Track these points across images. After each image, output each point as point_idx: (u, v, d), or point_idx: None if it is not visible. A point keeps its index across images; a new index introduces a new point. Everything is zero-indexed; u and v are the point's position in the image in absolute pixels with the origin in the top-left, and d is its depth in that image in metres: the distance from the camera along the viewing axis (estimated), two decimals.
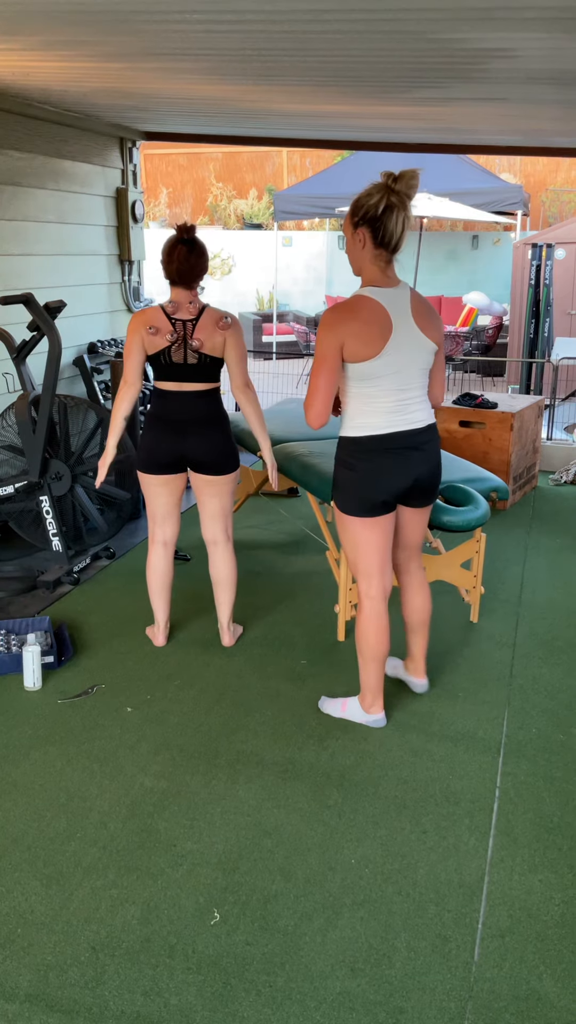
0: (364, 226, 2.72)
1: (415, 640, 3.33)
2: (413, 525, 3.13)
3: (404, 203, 2.65)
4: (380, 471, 2.88)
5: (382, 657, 3.10)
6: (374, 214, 2.68)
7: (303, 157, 17.18)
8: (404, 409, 2.86)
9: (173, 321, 3.33)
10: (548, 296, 8.34)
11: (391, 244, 2.73)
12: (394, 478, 2.89)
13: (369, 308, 2.75)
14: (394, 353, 2.77)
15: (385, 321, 2.75)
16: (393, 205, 2.65)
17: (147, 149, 16.19)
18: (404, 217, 2.67)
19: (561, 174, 16.21)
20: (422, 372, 2.88)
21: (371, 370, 2.77)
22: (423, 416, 2.92)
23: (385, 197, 2.65)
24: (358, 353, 2.74)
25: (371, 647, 3.08)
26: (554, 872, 2.47)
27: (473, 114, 4.65)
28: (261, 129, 5.95)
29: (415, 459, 2.91)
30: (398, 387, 2.83)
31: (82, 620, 4.02)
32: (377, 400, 2.83)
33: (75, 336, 5.58)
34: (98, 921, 2.28)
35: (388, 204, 2.65)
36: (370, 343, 2.74)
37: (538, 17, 2.56)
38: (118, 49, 3.29)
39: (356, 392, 2.85)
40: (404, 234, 2.72)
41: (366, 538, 2.97)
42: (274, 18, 2.69)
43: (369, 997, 2.06)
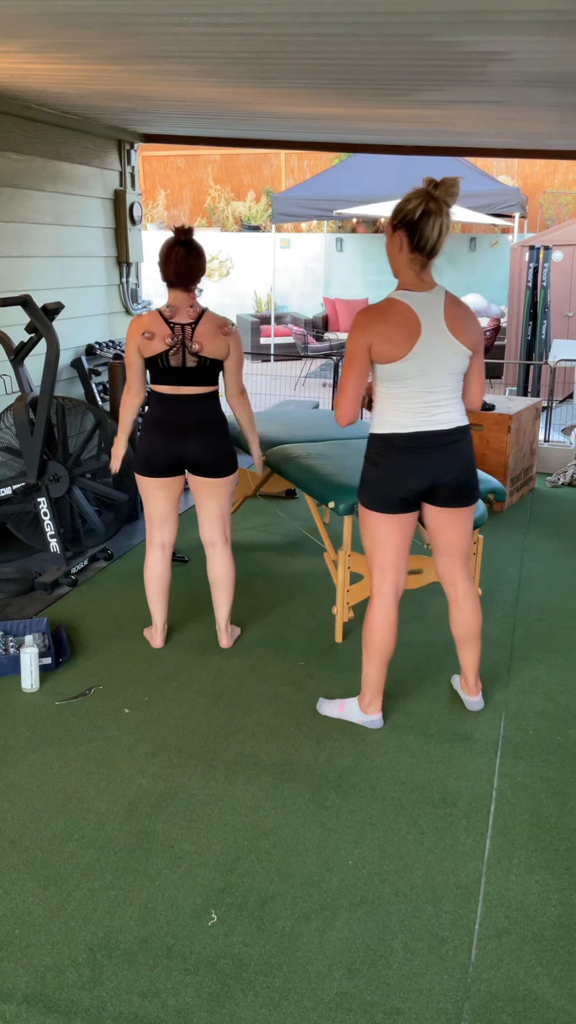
0: (402, 230, 2.76)
1: (465, 654, 3.23)
2: (448, 528, 3.06)
3: (442, 209, 2.70)
4: (400, 469, 2.91)
5: (385, 654, 3.11)
6: (412, 219, 2.72)
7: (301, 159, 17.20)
8: (430, 410, 2.89)
9: (172, 325, 3.34)
10: (545, 298, 8.35)
11: (426, 249, 2.76)
12: (413, 477, 2.92)
13: (399, 311, 2.79)
14: (422, 355, 2.81)
15: (414, 324, 2.79)
16: (431, 211, 2.69)
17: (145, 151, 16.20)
18: (441, 223, 2.71)
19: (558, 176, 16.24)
20: (453, 375, 2.89)
21: (398, 371, 2.82)
22: (451, 418, 2.93)
23: (424, 203, 2.69)
24: (385, 354, 2.80)
25: (375, 643, 3.09)
26: (551, 873, 2.47)
27: (470, 117, 4.66)
28: (259, 131, 5.96)
29: (437, 459, 2.92)
30: (425, 389, 2.86)
31: (80, 622, 4.02)
32: (404, 401, 2.87)
33: (73, 338, 5.59)
34: (96, 922, 2.28)
35: (426, 210, 2.69)
36: (397, 345, 2.78)
37: (534, 20, 2.56)
38: (116, 52, 3.29)
39: (385, 392, 2.91)
40: (441, 240, 2.75)
41: (384, 533, 3.00)
42: (271, 21, 2.69)
43: (366, 998, 2.06)
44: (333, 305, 13.95)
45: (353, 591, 3.80)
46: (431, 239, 2.73)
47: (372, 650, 3.11)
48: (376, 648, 3.10)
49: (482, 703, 3.31)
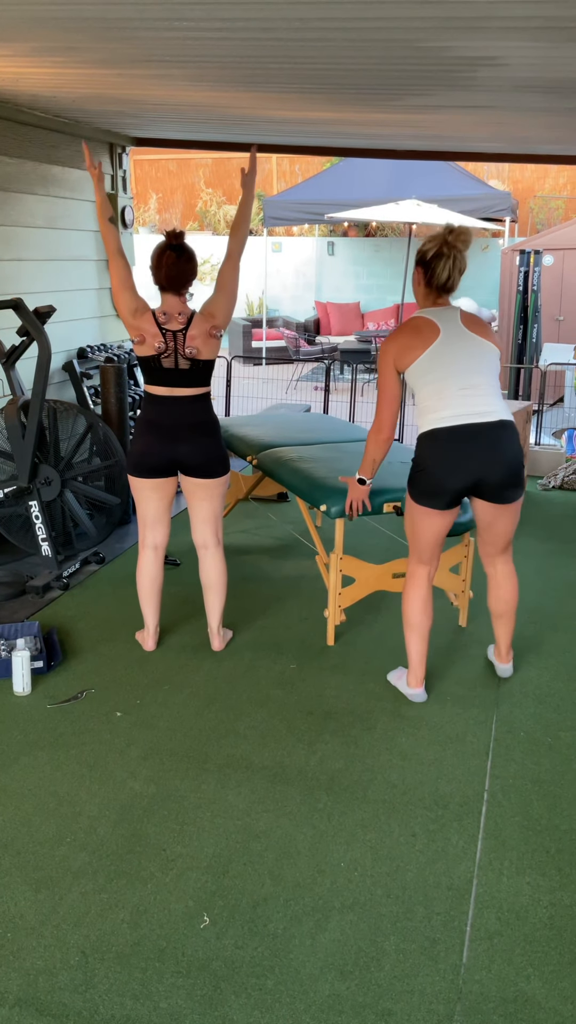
0: (420, 267, 3.13)
1: (500, 627, 3.50)
2: (497, 521, 3.24)
3: (452, 253, 3.04)
4: (445, 465, 3.06)
5: (420, 629, 3.32)
6: (426, 259, 3.08)
7: (292, 163, 17.22)
8: (468, 401, 3.03)
9: (164, 332, 3.34)
10: (536, 302, 8.38)
11: (436, 285, 3.10)
12: (458, 474, 3.06)
13: (416, 324, 3.09)
14: (443, 352, 3.03)
15: (431, 329, 3.06)
16: (442, 254, 3.04)
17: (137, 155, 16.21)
18: (451, 265, 3.05)
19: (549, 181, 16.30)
20: (485, 370, 3.07)
21: (421, 369, 3.04)
22: (492, 409, 3.06)
23: (438, 246, 3.04)
24: (406, 360, 3.06)
25: (415, 624, 3.32)
26: (542, 874, 2.48)
27: (461, 121, 4.68)
28: (251, 135, 5.97)
29: (482, 454, 3.04)
30: (458, 383, 3.03)
31: (72, 625, 4.02)
32: (438, 395, 3.04)
33: (65, 341, 5.59)
34: (88, 925, 2.28)
35: (438, 252, 3.04)
36: (414, 349, 3.04)
37: (524, 26, 2.58)
38: (107, 56, 3.30)
39: (420, 396, 3.10)
40: (452, 278, 3.08)
41: (425, 526, 3.20)
42: (262, 26, 2.70)
43: (358, 1000, 2.07)
44: (325, 309, 13.98)
45: (345, 594, 3.80)
46: (441, 278, 3.07)
47: (412, 630, 3.33)
48: (416, 628, 3.32)
49: (511, 670, 3.58)
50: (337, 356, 11.77)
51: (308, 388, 11.15)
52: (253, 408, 8.83)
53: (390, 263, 14.52)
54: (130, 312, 3.37)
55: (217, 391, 3.57)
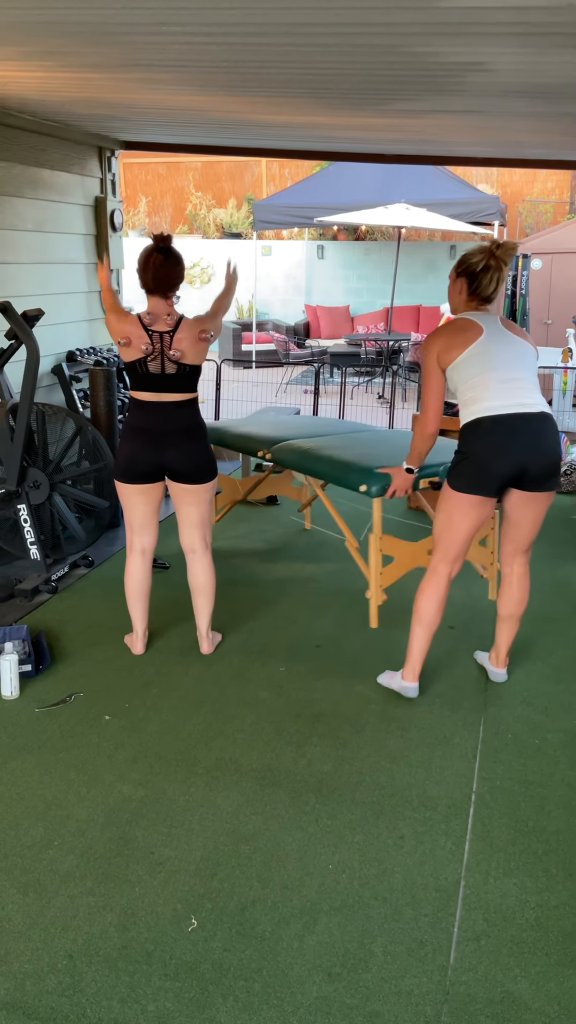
0: (464, 278, 3.19)
1: (502, 630, 3.51)
2: (522, 516, 3.25)
3: (500, 266, 3.13)
4: (490, 453, 3.07)
5: (431, 626, 3.34)
6: (474, 270, 3.15)
7: (282, 167, 17.25)
8: (512, 392, 3.07)
9: (150, 333, 3.35)
10: (524, 306, 8.41)
11: (482, 296, 3.19)
12: (503, 460, 3.07)
13: (459, 324, 3.16)
14: (486, 349, 3.09)
15: (474, 329, 3.12)
16: (490, 266, 3.12)
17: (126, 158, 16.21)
18: (498, 277, 3.14)
19: (537, 185, 16.37)
20: (527, 367, 3.13)
21: (464, 363, 3.10)
22: (535, 401, 3.11)
23: (486, 259, 3.12)
24: (449, 356, 3.12)
25: (426, 618, 3.32)
26: (529, 875, 2.49)
27: (450, 126, 4.70)
28: (240, 139, 5.98)
29: (526, 443, 3.06)
30: (501, 376, 3.07)
31: (60, 628, 4.01)
32: (482, 387, 3.08)
33: (53, 344, 5.58)
34: (75, 929, 2.28)
35: (487, 265, 3.12)
36: (457, 345, 3.11)
37: (509, 32, 2.60)
38: (96, 60, 3.30)
39: (464, 390, 3.13)
40: (496, 291, 3.18)
41: (460, 515, 3.17)
42: (250, 31, 2.71)
43: (346, 1001, 2.07)
44: (315, 312, 14.00)
45: (386, 573, 3.84)
46: (487, 290, 3.17)
47: (423, 625, 3.34)
48: (427, 624, 3.34)
49: (506, 676, 3.59)
50: (327, 359, 11.79)
51: (298, 391, 11.16)
52: (242, 411, 8.84)
53: (380, 266, 14.56)
54: (116, 320, 3.39)
55: (207, 394, 3.58)
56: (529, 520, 3.27)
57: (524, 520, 3.27)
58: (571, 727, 3.26)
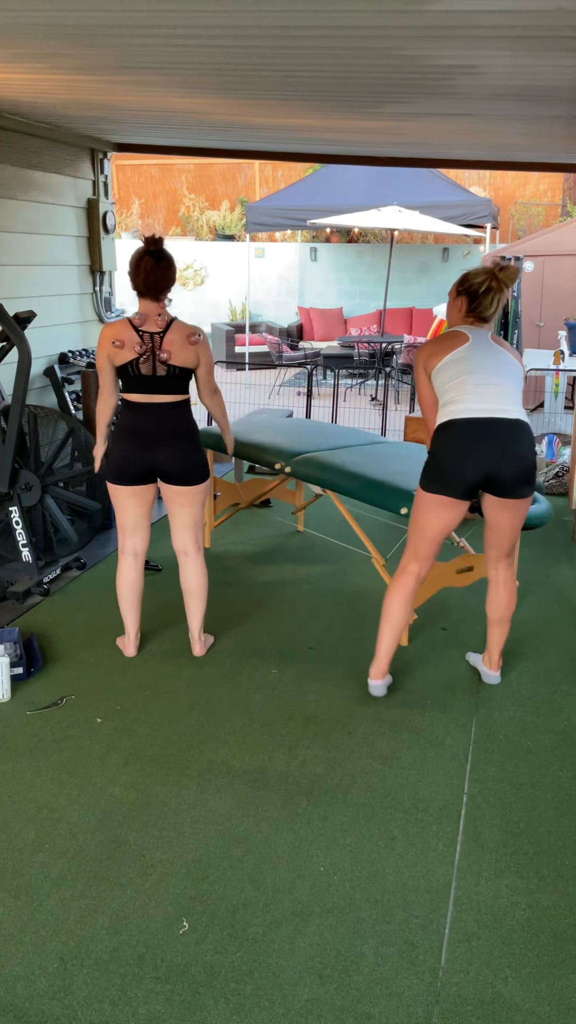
0: (464, 296, 3.22)
1: (494, 633, 3.53)
2: (501, 517, 3.26)
3: (502, 288, 3.15)
4: (459, 455, 3.10)
5: (397, 624, 3.37)
6: (476, 290, 3.17)
7: (275, 169, 17.26)
8: (487, 396, 3.09)
9: (141, 333, 3.35)
10: (516, 308, 8.43)
11: (482, 316, 3.22)
12: (471, 463, 3.09)
13: (449, 335, 3.21)
14: (469, 357, 3.13)
15: (460, 337, 3.18)
16: (492, 288, 3.15)
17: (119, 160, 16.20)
18: (499, 299, 3.17)
19: (529, 188, 16.41)
20: (507, 376, 3.14)
21: (444, 368, 3.15)
22: (511, 409, 3.11)
23: (489, 281, 3.15)
24: (432, 363, 3.19)
25: (387, 610, 3.37)
26: (520, 877, 2.50)
27: (441, 129, 4.71)
28: (233, 142, 5.99)
29: (495, 448, 3.08)
30: (479, 381, 3.10)
31: (52, 631, 4.00)
32: (459, 388, 3.11)
33: (46, 346, 5.58)
34: (67, 932, 2.27)
35: (489, 287, 3.15)
36: (443, 351, 3.17)
37: (500, 35, 2.61)
38: (88, 62, 3.31)
39: (442, 391, 3.18)
40: (496, 312, 3.21)
41: (427, 516, 3.21)
42: (241, 34, 2.72)
43: (337, 1003, 2.07)
44: (308, 314, 14.01)
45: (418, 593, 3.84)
46: (488, 311, 3.20)
47: (388, 623, 3.38)
48: (392, 622, 3.38)
49: (499, 678, 3.61)
50: (320, 361, 11.80)
51: (291, 393, 11.17)
52: (236, 413, 8.84)
53: (373, 269, 14.58)
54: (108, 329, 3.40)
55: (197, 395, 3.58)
56: (505, 526, 3.27)
57: (501, 525, 3.28)
58: (562, 728, 3.27)
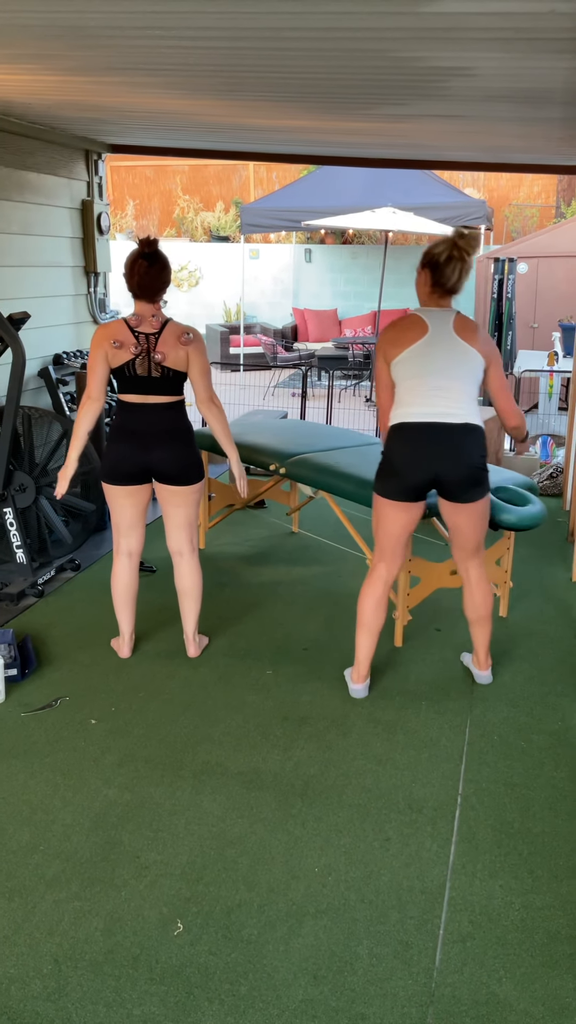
0: (427, 269, 3.17)
1: (476, 633, 3.54)
2: (458, 524, 3.30)
3: (464, 257, 3.11)
4: (405, 458, 3.16)
5: (371, 627, 3.39)
6: (437, 261, 3.13)
7: (269, 171, 17.27)
8: (436, 401, 3.12)
9: (136, 334, 3.35)
10: (510, 310, 8.45)
11: (446, 286, 3.16)
12: (416, 467, 3.15)
13: (409, 320, 3.18)
14: (425, 352, 3.12)
15: (420, 327, 3.15)
16: (453, 257, 3.10)
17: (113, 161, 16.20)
18: (461, 268, 3.12)
19: (523, 189, 16.45)
20: (463, 376, 3.14)
21: (402, 363, 3.15)
22: (459, 413, 3.13)
23: (449, 250, 3.10)
24: (392, 353, 3.17)
25: (360, 615, 3.41)
26: (515, 877, 2.50)
27: (435, 130, 4.72)
28: (227, 143, 5.99)
29: (441, 453, 3.12)
30: (432, 383, 3.11)
31: (46, 632, 4.00)
32: (412, 392, 3.14)
33: (40, 347, 5.57)
34: (61, 933, 2.27)
35: (450, 255, 3.10)
36: (400, 344, 3.15)
37: (493, 37, 2.61)
38: (82, 63, 3.30)
39: (398, 389, 3.20)
40: (460, 281, 3.16)
41: (384, 518, 3.28)
42: (235, 35, 2.72)
43: (331, 1004, 2.07)
44: (302, 315, 14.01)
45: (412, 594, 3.87)
46: (450, 279, 3.14)
47: (362, 627, 3.41)
48: (366, 626, 3.40)
49: (490, 677, 3.61)
50: (314, 363, 11.80)
51: (285, 394, 11.17)
52: (231, 414, 8.83)
53: (367, 270, 14.59)
54: (102, 330, 3.38)
55: (192, 398, 3.57)
56: (462, 528, 3.30)
57: (458, 527, 3.32)
58: (556, 729, 3.27)
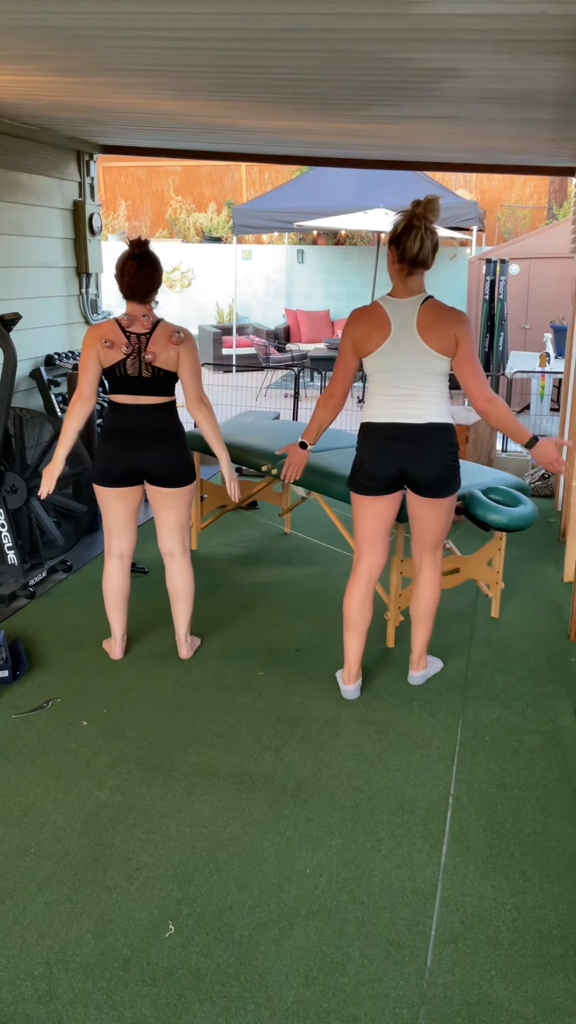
0: (391, 244, 3.14)
1: (414, 631, 3.53)
2: (420, 515, 3.33)
3: (423, 224, 3.04)
4: (372, 455, 3.22)
5: (355, 627, 3.40)
6: (397, 233, 3.08)
7: (262, 172, 17.28)
8: (401, 404, 3.17)
9: (128, 334, 3.35)
10: (502, 311, 8.47)
11: (407, 258, 3.08)
12: (381, 464, 3.21)
13: (377, 313, 3.15)
14: (389, 354, 3.14)
15: (386, 326, 3.13)
16: (413, 226, 3.05)
17: (106, 162, 16.17)
18: (421, 236, 3.04)
19: (515, 191, 16.48)
20: (426, 375, 3.15)
21: (372, 366, 3.19)
22: (423, 414, 3.17)
23: (408, 219, 3.06)
24: (364, 348, 3.17)
25: (345, 615, 3.42)
26: (506, 878, 2.50)
27: (427, 132, 4.73)
28: (219, 144, 5.98)
29: (405, 451, 3.17)
30: (395, 384, 3.16)
31: (38, 634, 3.99)
32: (379, 394, 3.20)
33: (32, 348, 5.56)
34: (52, 935, 2.26)
35: (408, 225, 3.05)
36: (372, 341, 3.15)
37: (484, 39, 2.62)
38: (73, 64, 3.30)
39: (369, 385, 3.26)
40: (423, 251, 3.06)
41: (359, 513, 3.34)
42: (226, 36, 2.72)
43: (323, 1005, 2.07)
44: (295, 316, 14.01)
45: (405, 594, 3.87)
46: (412, 250, 3.06)
47: (349, 628, 3.42)
48: (352, 627, 3.41)
49: (423, 678, 3.59)
50: (307, 364, 11.80)
51: (278, 395, 11.17)
52: (223, 415, 8.83)
53: (359, 271, 14.61)
54: (95, 330, 3.37)
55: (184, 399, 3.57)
56: (423, 521, 3.34)
57: (419, 518, 3.34)
58: (547, 729, 3.28)
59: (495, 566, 4.17)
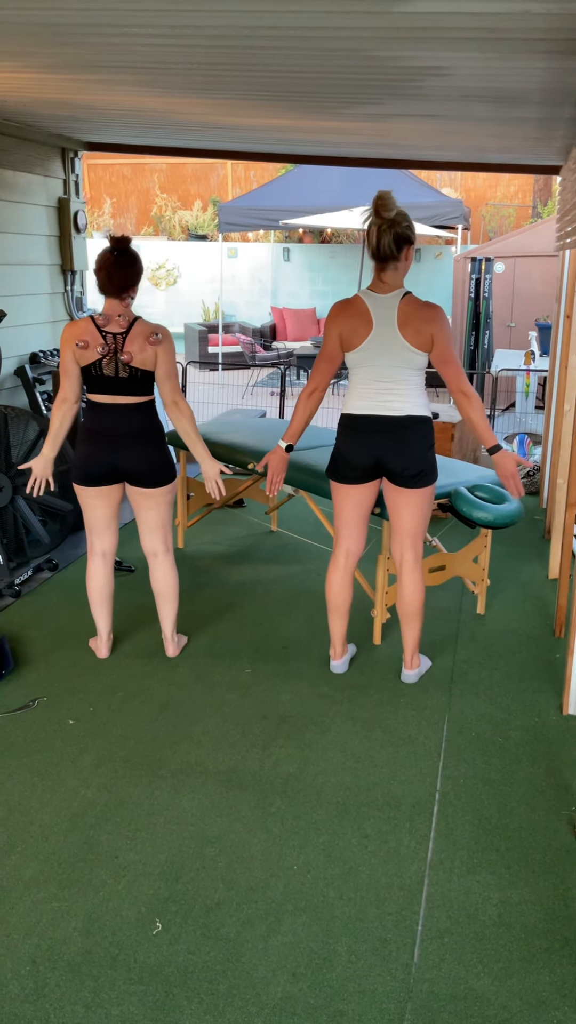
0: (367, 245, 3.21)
1: (404, 631, 3.57)
2: (397, 506, 3.38)
3: (381, 218, 3.10)
4: (349, 445, 3.32)
5: (336, 609, 3.55)
6: (367, 234, 3.17)
7: (247, 169, 17.26)
8: (379, 397, 3.25)
9: (104, 334, 3.33)
10: (487, 309, 8.49)
11: (373, 252, 3.18)
12: (357, 453, 3.30)
13: (360, 307, 3.23)
14: (371, 348, 3.22)
15: (367, 320, 3.21)
16: (372, 222, 3.14)
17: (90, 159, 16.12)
18: (379, 230, 3.11)
19: (500, 189, 16.53)
20: (404, 370, 3.22)
21: (355, 359, 3.27)
22: (401, 407, 3.24)
23: (368, 216, 3.15)
24: (349, 342, 3.24)
25: (331, 602, 3.56)
26: (492, 873, 2.51)
27: (412, 130, 4.74)
28: (205, 141, 5.98)
29: (381, 442, 3.26)
30: (375, 378, 3.25)
31: (23, 633, 3.98)
32: (359, 386, 3.29)
33: (17, 346, 5.54)
34: (39, 934, 2.26)
35: (367, 219, 3.16)
36: (356, 335, 3.23)
37: (468, 37, 2.62)
38: (57, 61, 3.29)
39: (351, 378, 3.34)
40: (383, 245, 3.13)
41: (338, 501, 3.45)
42: (212, 33, 2.72)
43: (310, 1001, 2.08)
44: (281, 314, 14.01)
45: (391, 592, 3.88)
46: (373, 244, 3.15)
47: (330, 611, 3.57)
48: (333, 609, 3.56)
49: (416, 677, 3.61)
50: (293, 362, 11.80)
51: (264, 393, 11.17)
52: (209, 414, 8.83)
53: (345, 269, 14.61)
54: (70, 328, 3.36)
55: None
56: (401, 512, 3.37)
57: (396, 511, 3.38)
58: (533, 725, 3.29)
59: (481, 563, 4.19)
